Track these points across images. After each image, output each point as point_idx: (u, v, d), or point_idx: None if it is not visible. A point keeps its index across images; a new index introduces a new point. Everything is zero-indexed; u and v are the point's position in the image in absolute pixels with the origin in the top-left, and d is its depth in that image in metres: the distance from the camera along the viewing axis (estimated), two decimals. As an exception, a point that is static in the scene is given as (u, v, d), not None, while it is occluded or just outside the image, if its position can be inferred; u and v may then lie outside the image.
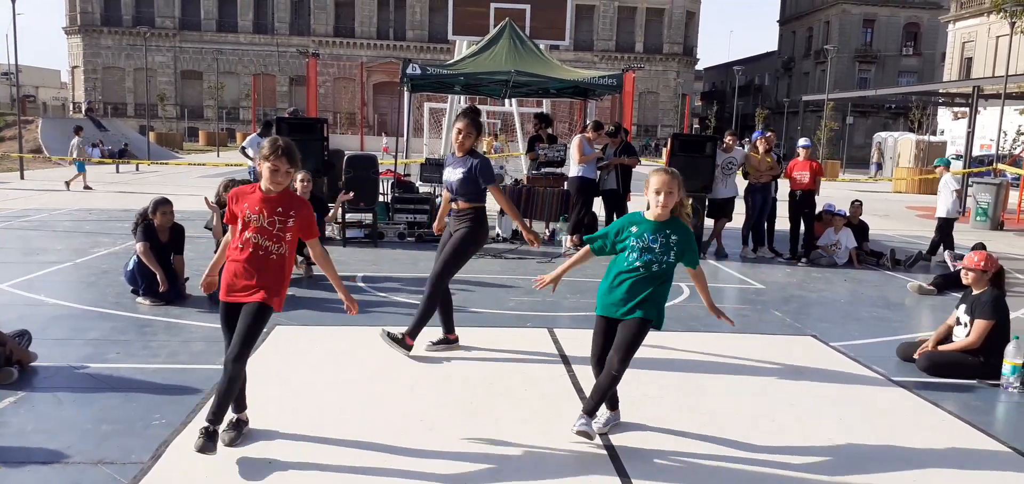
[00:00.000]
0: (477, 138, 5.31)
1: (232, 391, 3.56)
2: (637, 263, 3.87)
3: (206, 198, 6.89)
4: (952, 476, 3.76)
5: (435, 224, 5.78)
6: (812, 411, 4.56)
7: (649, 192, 3.87)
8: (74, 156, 19.68)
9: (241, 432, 3.76)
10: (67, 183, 18.55)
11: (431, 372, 5.02)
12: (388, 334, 5.26)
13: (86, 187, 18.37)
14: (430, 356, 5.34)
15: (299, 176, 7.00)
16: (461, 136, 5.22)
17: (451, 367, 5.15)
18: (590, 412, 3.87)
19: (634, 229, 3.92)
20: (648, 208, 3.95)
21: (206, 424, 3.46)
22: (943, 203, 10.56)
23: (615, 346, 3.86)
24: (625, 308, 3.88)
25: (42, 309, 6.33)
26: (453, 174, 5.29)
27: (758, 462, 3.80)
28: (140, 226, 6.69)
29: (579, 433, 3.78)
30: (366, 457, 3.69)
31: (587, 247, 4.14)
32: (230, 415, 3.72)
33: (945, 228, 10.52)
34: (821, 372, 5.36)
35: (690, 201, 4.05)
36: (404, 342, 5.23)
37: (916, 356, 5.59)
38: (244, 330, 3.52)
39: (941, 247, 10.50)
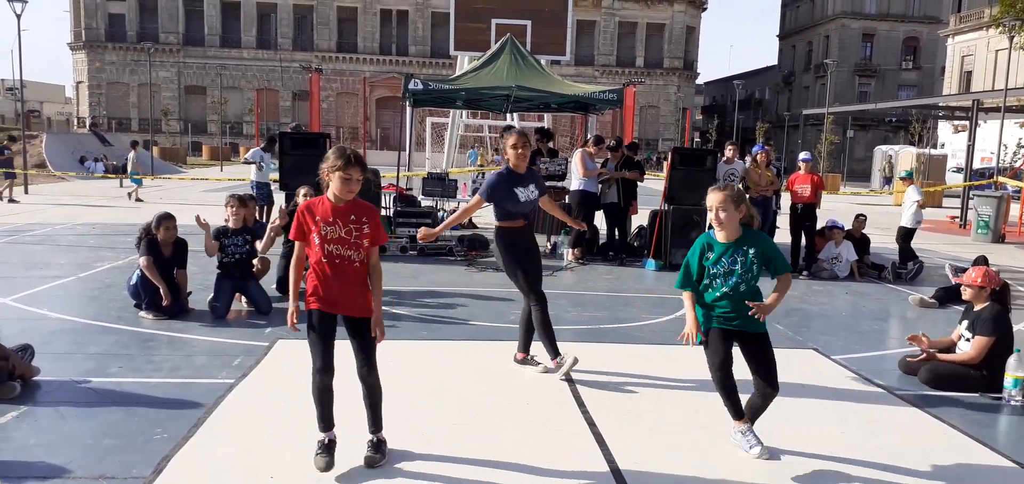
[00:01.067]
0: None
1: (378, 399, 3.78)
2: (725, 289, 3.84)
3: (197, 217, 6.90)
4: (954, 490, 3.75)
5: (432, 232, 5.53)
6: (814, 425, 4.55)
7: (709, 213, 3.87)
8: (131, 169, 20.97)
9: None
10: (130, 195, 19.72)
11: (431, 385, 5.03)
12: (552, 370, 5.23)
13: (138, 199, 19.26)
14: (430, 369, 5.35)
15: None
16: (520, 150, 5.08)
17: (451, 380, 5.15)
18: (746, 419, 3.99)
19: (711, 255, 3.88)
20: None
21: (371, 437, 3.77)
22: (907, 214, 10.76)
23: (757, 370, 3.90)
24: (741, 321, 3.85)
25: (45, 323, 6.35)
26: (527, 194, 5.14)
27: (759, 476, 3.79)
28: (143, 241, 6.71)
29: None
30: (368, 471, 3.69)
31: (689, 294, 3.98)
32: (322, 437, 3.70)
33: (908, 237, 10.71)
34: (823, 386, 5.35)
35: (748, 202, 4.00)
36: (557, 362, 5.20)
37: (910, 359, 5.59)
38: (368, 348, 3.71)
39: (906, 257, 10.57)
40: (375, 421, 3.79)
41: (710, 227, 3.94)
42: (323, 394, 3.67)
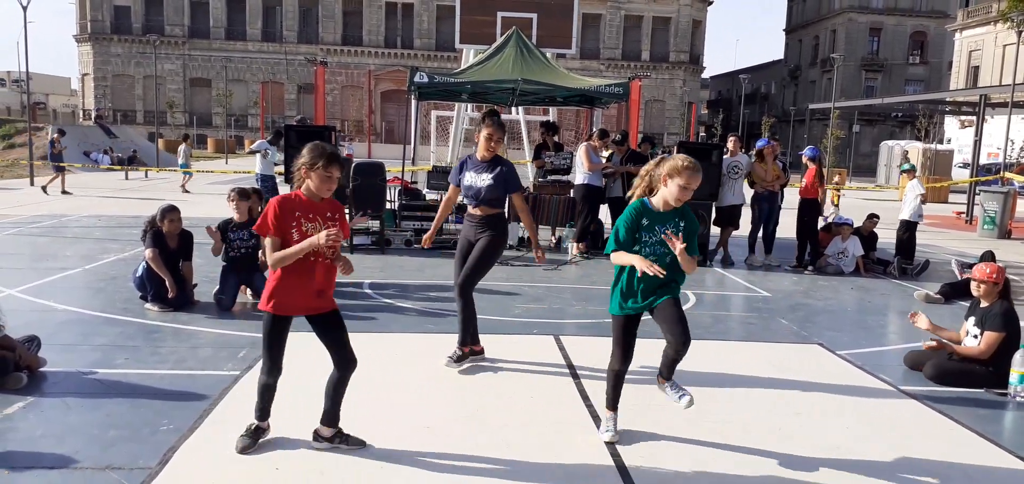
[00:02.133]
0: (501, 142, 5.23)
1: (343, 390, 3.77)
2: (653, 259, 3.77)
3: (208, 228, 6.93)
4: (960, 485, 3.75)
5: (426, 237, 5.63)
6: (819, 420, 4.55)
7: (670, 183, 3.73)
8: (182, 161, 21.83)
9: (256, 441, 3.77)
10: (182, 187, 20.27)
11: (436, 380, 5.03)
12: (452, 359, 5.22)
13: (185, 191, 19.86)
14: (435, 362, 5.35)
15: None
16: (491, 142, 5.10)
17: (456, 375, 5.16)
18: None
19: (645, 222, 3.82)
20: (653, 195, 3.85)
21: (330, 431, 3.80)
22: (908, 207, 10.77)
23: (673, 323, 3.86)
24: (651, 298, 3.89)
25: (51, 315, 6.37)
26: (478, 180, 5.15)
27: (765, 471, 3.79)
28: (149, 233, 6.73)
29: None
30: (370, 464, 3.70)
31: (618, 253, 3.89)
32: (252, 421, 3.79)
33: (911, 229, 10.70)
34: (828, 381, 5.34)
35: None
36: (465, 354, 5.22)
37: (924, 347, 5.59)
38: (343, 338, 3.69)
39: (910, 252, 10.55)
40: (335, 416, 3.80)
41: (644, 196, 3.86)
42: (270, 390, 3.75)
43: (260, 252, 7.10)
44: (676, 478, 3.70)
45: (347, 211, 9.65)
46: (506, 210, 5.35)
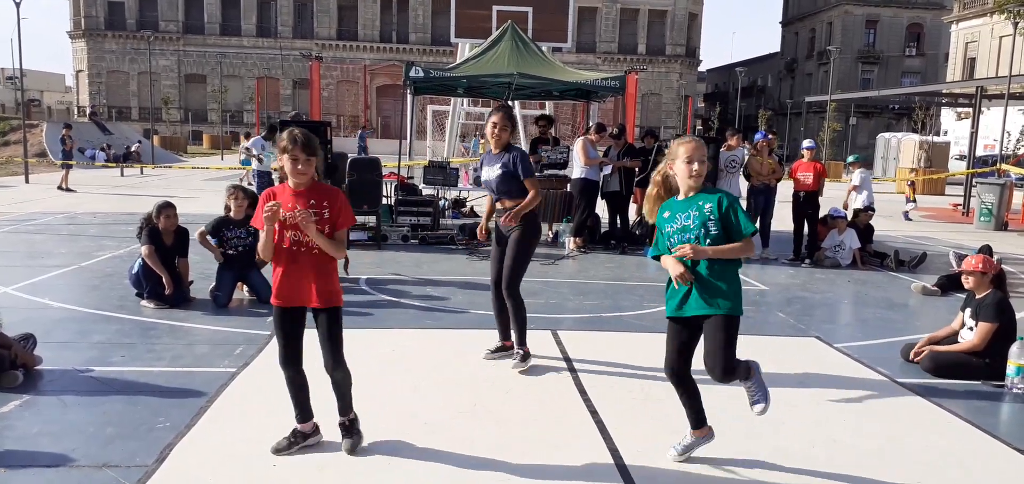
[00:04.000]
0: (512, 131, 5.17)
1: (347, 389, 3.70)
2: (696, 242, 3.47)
3: (201, 237, 6.93)
4: (956, 477, 3.75)
5: (479, 229, 5.60)
6: (816, 412, 4.55)
7: (679, 163, 3.52)
8: (246, 155, 21.29)
9: (291, 445, 3.72)
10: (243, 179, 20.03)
11: (433, 373, 5.03)
12: (519, 360, 5.17)
13: (249, 184, 19.37)
14: (432, 358, 5.35)
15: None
16: (497, 130, 5.04)
17: (454, 369, 5.15)
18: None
19: (666, 214, 3.60)
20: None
21: (342, 420, 3.74)
22: (863, 196, 11.13)
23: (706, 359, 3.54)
24: (689, 305, 3.52)
25: (47, 312, 6.35)
26: (491, 172, 5.10)
27: (762, 465, 3.79)
28: (145, 230, 6.71)
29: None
30: (368, 460, 3.69)
31: (661, 257, 3.67)
32: (295, 426, 3.76)
33: (864, 219, 10.96)
34: (825, 373, 5.35)
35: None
36: (523, 355, 5.17)
37: (912, 356, 5.60)
38: (331, 340, 3.59)
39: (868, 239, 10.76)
40: (344, 406, 3.75)
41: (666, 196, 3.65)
42: (291, 385, 3.69)
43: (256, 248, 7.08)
44: (672, 471, 3.70)
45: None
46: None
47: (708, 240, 3.44)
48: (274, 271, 3.59)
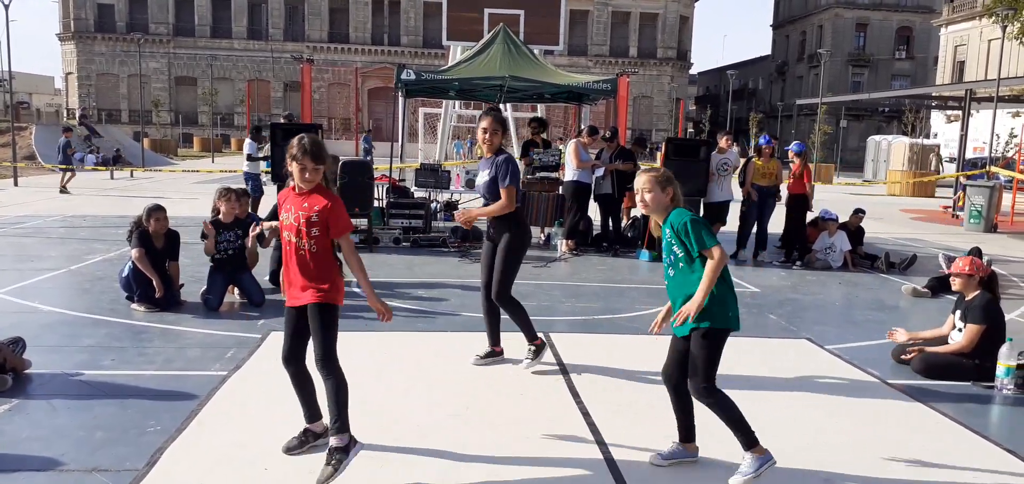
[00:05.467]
0: (503, 135, 5.12)
1: (342, 393, 3.51)
2: (671, 271, 3.64)
3: (206, 223, 6.89)
4: (947, 478, 3.77)
5: (466, 222, 5.51)
6: (807, 414, 4.57)
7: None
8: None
9: (301, 444, 3.74)
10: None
11: (426, 376, 5.02)
12: (530, 358, 5.21)
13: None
14: (424, 360, 5.34)
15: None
16: (487, 134, 5.00)
17: (446, 371, 5.15)
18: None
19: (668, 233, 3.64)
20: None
21: (330, 442, 3.49)
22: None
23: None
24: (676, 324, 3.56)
25: (36, 316, 6.31)
26: (481, 177, 5.09)
27: (754, 465, 3.80)
28: (135, 232, 6.67)
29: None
30: (359, 464, 3.67)
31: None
32: (306, 425, 3.77)
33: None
34: (816, 375, 5.37)
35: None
36: (535, 350, 5.21)
37: (904, 357, 5.62)
38: (316, 336, 3.55)
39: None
40: (335, 420, 3.46)
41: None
42: (293, 383, 3.71)
43: (247, 251, 7.05)
44: (665, 472, 3.70)
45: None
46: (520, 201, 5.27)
47: (680, 264, 3.55)
48: (284, 270, 3.70)
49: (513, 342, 5.40)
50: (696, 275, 3.48)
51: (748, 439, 3.52)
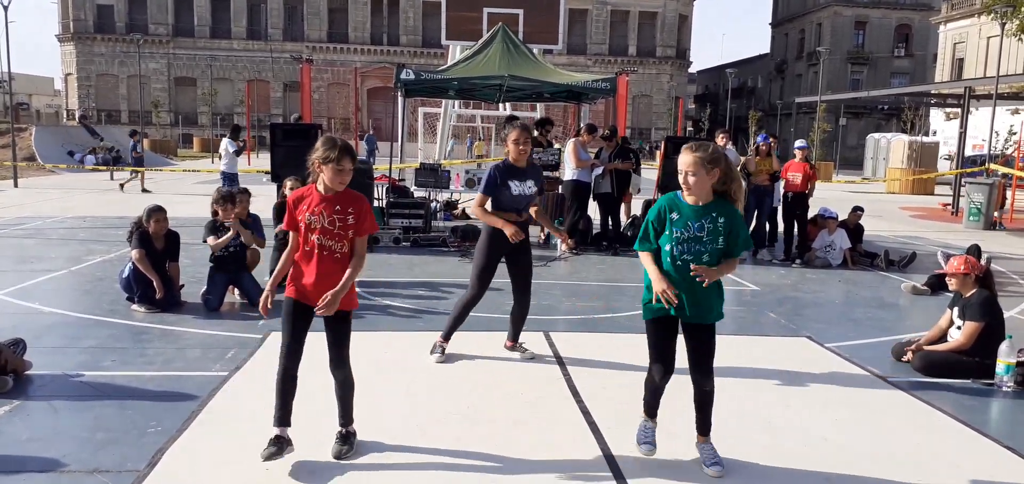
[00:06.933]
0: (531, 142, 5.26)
1: (349, 393, 3.75)
2: (688, 257, 3.42)
3: (233, 221, 6.88)
4: (947, 476, 3.78)
5: (512, 233, 5.12)
6: (807, 412, 4.57)
7: (680, 175, 3.45)
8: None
9: (279, 449, 3.61)
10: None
11: (427, 376, 5.02)
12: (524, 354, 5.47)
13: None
14: (425, 359, 5.34)
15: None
16: (520, 146, 5.08)
17: (447, 371, 5.15)
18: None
19: (674, 216, 3.48)
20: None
21: (339, 429, 3.77)
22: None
23: (695, 364, 3.58)
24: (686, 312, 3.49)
25: (37, 317, 6.31)
26: (524, 187, 5.16)
27: (753, 464, 3.81)
28: (135, 233, 6.68)
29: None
30: (361, 464, 3.69)
31: (646, 255, 3.61)
32: (274, 432, 3.66)
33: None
34: (816, 373, 5.37)
35: (740, 174, 3.59)
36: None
37: (903, 358, 5.62)
38: (341, 340, 3.65)
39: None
40: (345, 414, 3.79)
41: (679, 188, 3.53)
42: (284, 382, 3.61)
43: (247, 251, 7.05)
44: (666, 470, 3.71)
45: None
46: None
47: (709, 258, 3.46)
48: (293, 266, 3.64)
49: (526, 338, 5.40)
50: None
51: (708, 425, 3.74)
